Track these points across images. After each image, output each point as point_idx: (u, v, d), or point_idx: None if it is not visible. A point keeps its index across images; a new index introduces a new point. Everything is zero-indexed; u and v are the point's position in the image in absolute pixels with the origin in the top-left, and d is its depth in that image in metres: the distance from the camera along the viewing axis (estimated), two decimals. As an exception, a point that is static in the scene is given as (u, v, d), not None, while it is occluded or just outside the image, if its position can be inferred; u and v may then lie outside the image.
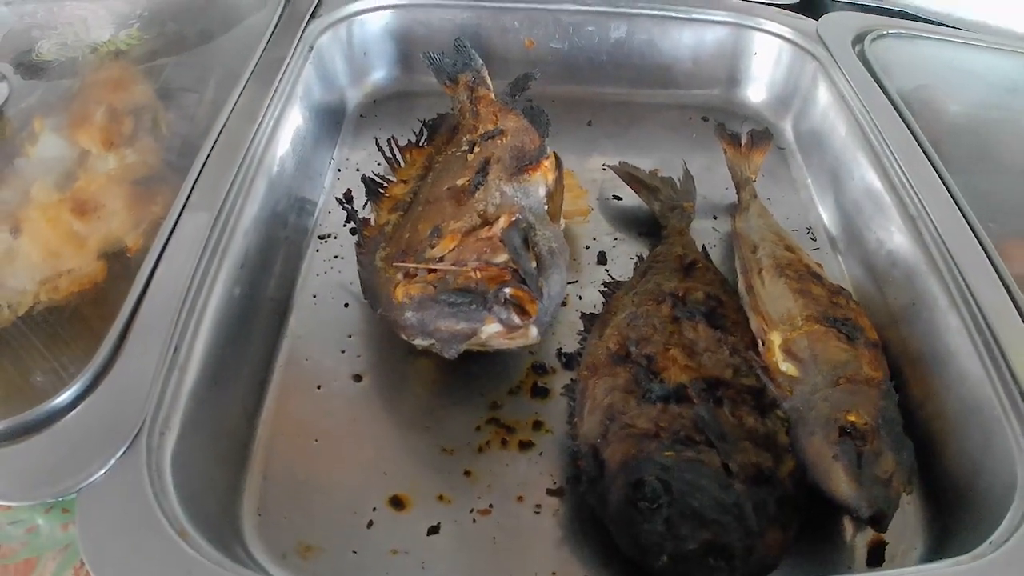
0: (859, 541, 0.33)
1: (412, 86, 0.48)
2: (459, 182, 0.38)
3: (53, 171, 0.41)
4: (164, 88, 0.45)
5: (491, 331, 0.32)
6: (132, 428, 0.29)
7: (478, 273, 0.33)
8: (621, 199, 0.44)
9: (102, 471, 0.28)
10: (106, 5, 0.51)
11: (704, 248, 0.41)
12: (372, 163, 0.44)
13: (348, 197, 0.40)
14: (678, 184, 0.45)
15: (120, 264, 0.39)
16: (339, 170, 0.44)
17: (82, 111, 0.42)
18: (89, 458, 0.29)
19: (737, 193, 0.44)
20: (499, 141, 0.39)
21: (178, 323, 0.32)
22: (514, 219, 0.35)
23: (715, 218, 0.44)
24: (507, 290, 0.32)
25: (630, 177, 0.45)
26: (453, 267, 0.33)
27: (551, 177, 0.37)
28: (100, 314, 0.38)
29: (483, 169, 0.38)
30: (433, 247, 0.35)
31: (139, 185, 0.41)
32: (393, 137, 0.41)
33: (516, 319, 0.32)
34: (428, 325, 0.33)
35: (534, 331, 0.33)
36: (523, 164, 0.38)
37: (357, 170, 0.43)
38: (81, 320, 0.38)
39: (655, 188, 0.44)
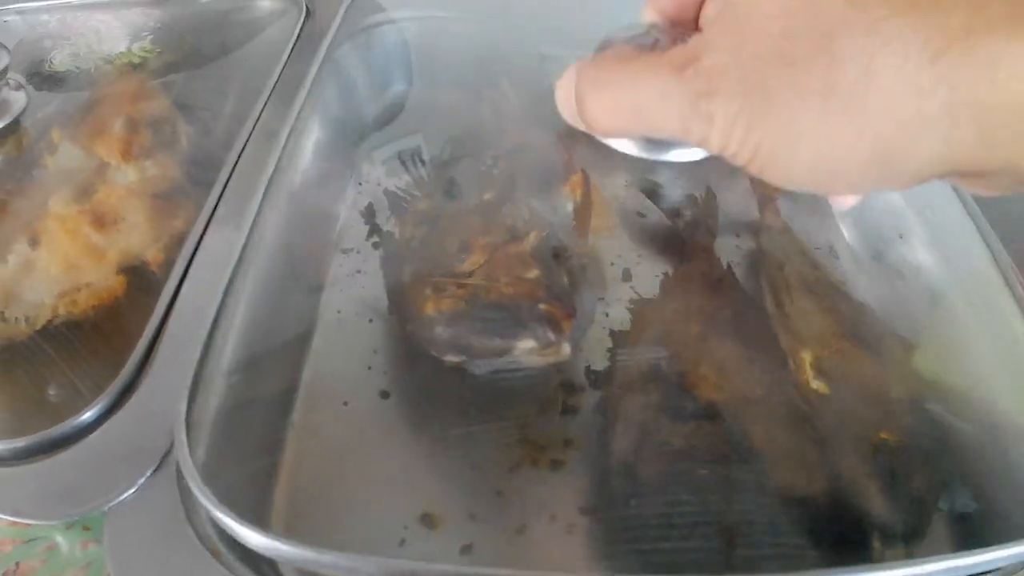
0: (883, 554, 0.33)
1: (433, 99, 0.48)
2: (485, 196, 0.38)
3: (71, 182, 0.41)
4: (180, 101, 0.44)
5: (525, 347, 0.32)
6: (162, 446, 0.29)
7: (511, 289, 0.33)
8: (644, 216, 0.44)
9: (132, 489, 0.28)
10: (119, 17, 0.51)
11: (729, 266, 0.41)
12: (393, 177, 0.44)
13: (371, 211, 0.40)
14: (700, 201, 0.45)
15: (140, 279, 0.39)
16: (360, 184, 0.44)
17: (100, 122, 0.42)
18: (117, 476, 0.28)
19: (760, 211, 0.44)
20: (525, 156, 0.39)
21: (206, 340, 0.31)
22: (544, 235, 0.35)
23: (738, 235, 0.45)
24: (542, 306, 0.32)
25: (653, 194, 0.45)
26: (485, 282, 0.33)
27: (579, 193, 0.37)
28: (121, 329, 0.38)
29: (510, 184, 0.38)
30: (462, 262, 0.35)
31: (159, 198, 0.40)
32: (416, 151, 0.41)
33: (551, 335, 0.32)
34: (460, 341, 0.33)
35: (567, 348, 0.33)
36: (551, 179, 0.38)
37: (378, 184, 0.43)
38: (102, 335, 0.38)
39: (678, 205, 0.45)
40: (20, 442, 0.29)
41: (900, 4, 0.18)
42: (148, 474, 0.28)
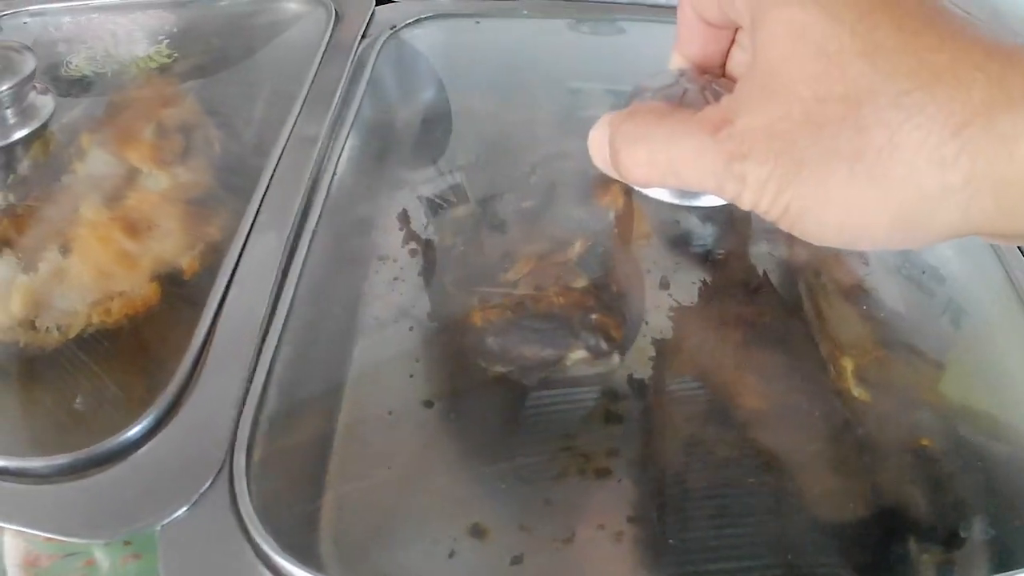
0: (927, 563, 0.34)
1: (464, 103, 0.48)
2: (525, 204, 0.38)
3: (101, 189, 0.40)
4: (207, 106, 0.44)
5: (577, 357, 0.32)
6: (216, 461, 0.28)
7: (561, 299, 0.33)
8: (678, 222, 0.45)
9: (186, 506, 0.27)
10: (138, 19, 0.50)
11: (765, 273, 0.41)
12: (428, 183, 0.43)
13: (405, 218, 0.40)
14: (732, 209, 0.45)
15: (175, 287, 0.38)
16: (393, 190, 0.44)
17: (129, 128, 0.41)
18: (170, 492, 0.28)
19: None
20: (562, 163, 0.39)
21: (256, 350, 0.31)
22: (590, 244, 0.35)
23: (769, 242, 0.45)
24: (593, 316, 0.32)
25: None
26: (533, 292, 0.33)
27: (620, 201, 0.37)
28: (159, 339, 0.37)
29: (550, 192, 0.38)
30: (506, 271, 0.35)
31: (193, 205, 0.40)
32: (450, 156, 0.41)
33: (604, 345, 0.32)
34: (511, 351, 0.33)
35: (616, 357, 0.33)
36: (590, 187, 0.38)
37: (410, 190, 0.43)
38: (139, 345, 0.37)
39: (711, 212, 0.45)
40: (63, 458, 0.29)
41: (923, 77, 0.19)
42: (203, 489, 0.28)
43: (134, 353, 0.37)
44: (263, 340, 0.31)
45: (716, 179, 0.22)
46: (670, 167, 0.24)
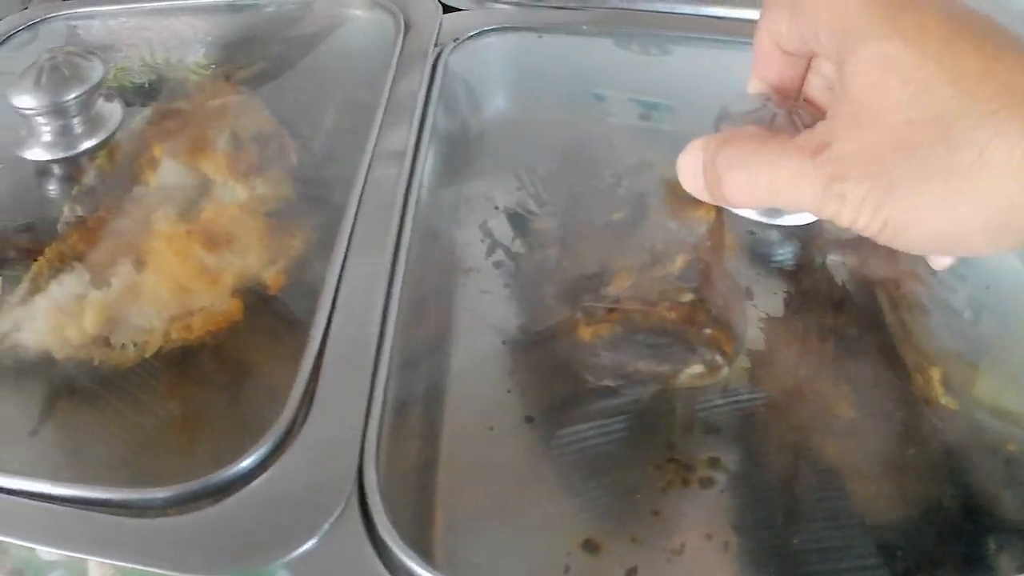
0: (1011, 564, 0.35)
1: (538, 113, 0.48)
2: (615, 216, 0.38)
3: (175, 201, 0.39)
4: (278, 116, 0.43)
5: (693, 372, 0.33)
6: (343, 487, 0.28)
7: (673, 313, 0.33)
8: (755, 234, 0.45)
9: (315, 537, 0.26)
10: (194, 25, 0.49)
11: (844, 284, 0.42)
12: (508, 194, 0.43)
13: (487, 230, 0.40)
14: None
15: (259, 302, 0.37)
16: (472, 201, 0.43)
17: (201, 137, 0.40)
18: (296, 522, 0.27)
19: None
20: (647, 174, 0.39)
21: (371, 369, 0.30)
22: (691, 258, 0.35)
23: (845, 256, 0.46)
24: (707, 330, 0.33)
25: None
26: (642, 307, 0.33)
27: (713, 215, 0.38)
28: (252, 356, 0.36)
29: (639, 203, 0.38)
30: (606, 285, 0.35)
31: (273, 218, 0.39)
32: (529, 166, 0.41)
33: (720, 359, 0.32)
34: (625, 366, 0.33)
35: (725, 369, 0.33)
36: (678, 198, 0.38)
37: (488, 200, 0.43)
38: (226, 362, 0.36)
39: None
40: (173, 489, 0.27)
41: (1006, 98, 0.21)
42: (333, 518, 0.27)
43: (224, 370, 0.36)
44: (377, 359, 0.31)
45: (815, 200, 0.24)
46: (772, 190, 0.26)
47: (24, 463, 0.33)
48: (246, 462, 0.28)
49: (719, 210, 0.39)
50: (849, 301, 0.40)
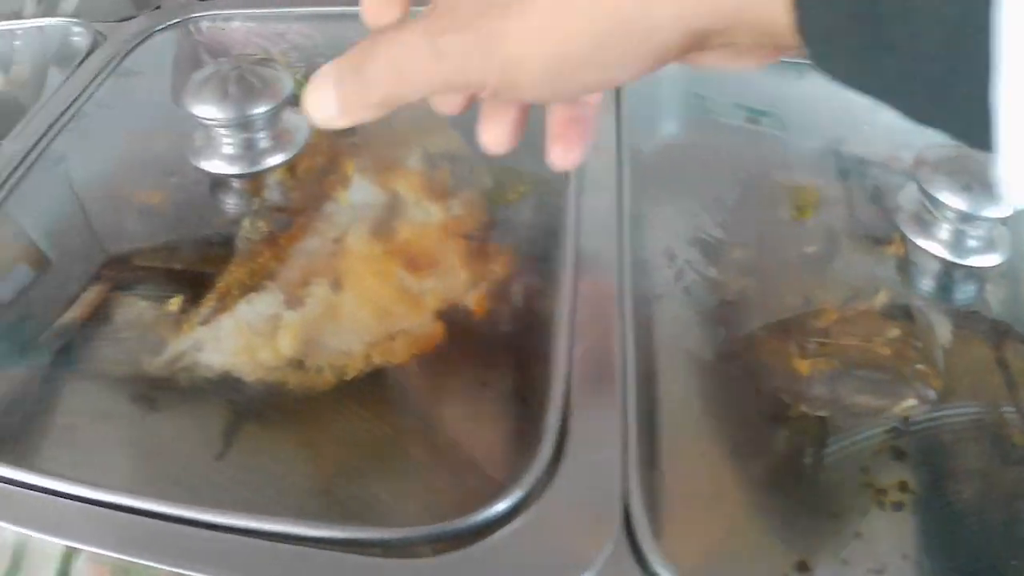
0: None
1: (704, 139, 0.48)
2: (808, 250, 0.39)
3: (367, 219, 0.39)
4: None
5: (907, 405, 0.34)
6: (611, 518, 0.28)
7: (886, 349, 0.35)
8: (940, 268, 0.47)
9: (591, 572, 0.26)
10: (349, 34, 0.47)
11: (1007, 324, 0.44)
12: (691, 221, 0.44)
13: (671, 255, 0.40)
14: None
15: (462, 326, 0.37)
16: (656, 226, 0.44)
17: (392, 155, 0.40)
18: (567, 560, 0.27)
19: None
20: (833, 208, 0.41)
21: (621, 397, 0.31)
22: (894, 293, 0.37)
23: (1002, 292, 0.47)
24: (919, 366, 0.34)
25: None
26: (857, 342, 0.35)
27: (902, 252, 0.39)
28: (471, 383, 0.37)
29: (833, 238, 0.39)
30: (815, 319, 0.36)
31: (471, 240, 0.39)
32: (715, 194, 0.42)
33: (931, 393, 0.34)
34: (843, 399, 0.34)
35: (934, 402, 0.35)
36: (867, 233, 0.40)
37: (667, 226, 0.43)
38: (438, 387, 0.36)
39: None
40: (427, 529, 0.27)
41: None
42: (608, 551, 0.27)
43: (438, 395, 0.36)
44: (624, 387, 0.31)
45: (427, 69, 0.22)
46: (395, 73, 0.23)
47: (213, 487, 0.33)
48: (506, 502, 0.28)
49: (905, 248, 0.41)
50: (1013, 335, 0.43)
